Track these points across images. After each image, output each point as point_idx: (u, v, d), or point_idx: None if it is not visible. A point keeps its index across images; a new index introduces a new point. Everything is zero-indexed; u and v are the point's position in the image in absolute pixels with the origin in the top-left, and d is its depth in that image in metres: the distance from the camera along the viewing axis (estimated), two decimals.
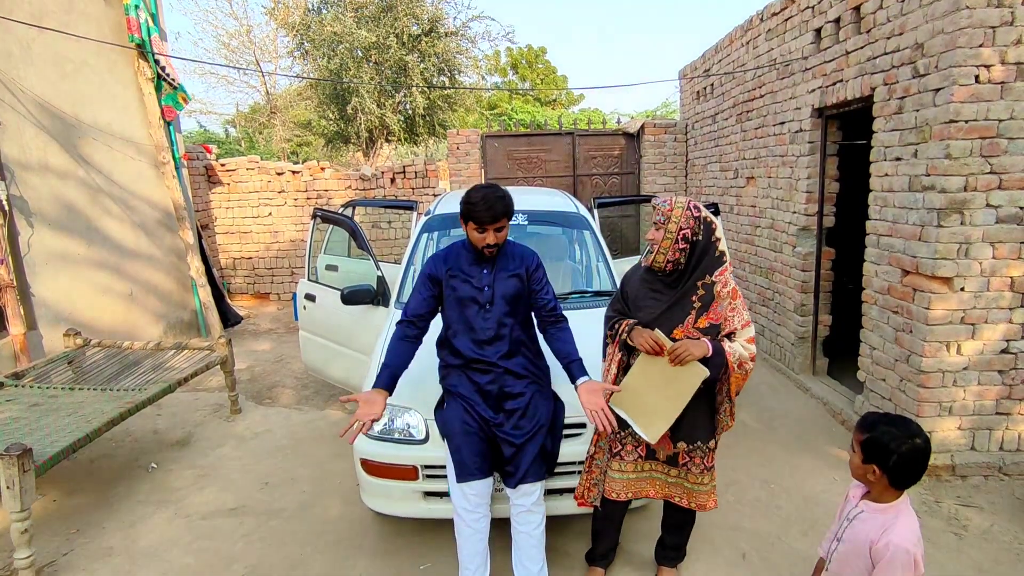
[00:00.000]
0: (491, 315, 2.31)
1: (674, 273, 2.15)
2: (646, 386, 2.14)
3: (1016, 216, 3.06)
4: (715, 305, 2.12)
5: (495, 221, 2.19)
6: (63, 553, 2.80)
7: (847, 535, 1.62)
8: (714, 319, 2.12)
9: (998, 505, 3.04)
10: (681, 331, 2.12)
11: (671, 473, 2.29)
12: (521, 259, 2.38)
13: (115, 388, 3.54)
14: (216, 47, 13.91)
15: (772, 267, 5.14)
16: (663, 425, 2.15)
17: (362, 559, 2.73)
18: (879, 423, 1.56)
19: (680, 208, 2.10)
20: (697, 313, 2.12)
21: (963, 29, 2.89)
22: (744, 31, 5.55)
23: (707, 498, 2.28)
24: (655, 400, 2.13)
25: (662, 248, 2.10)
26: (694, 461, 2.25)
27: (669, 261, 2.11)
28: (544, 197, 4.17)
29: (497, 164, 7.90)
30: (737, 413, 4.14)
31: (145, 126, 5.80)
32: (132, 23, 5.38)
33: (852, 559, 1.59)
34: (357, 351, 3.76)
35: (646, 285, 2.23)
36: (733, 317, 2.14)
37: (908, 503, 1.58)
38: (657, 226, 2.12)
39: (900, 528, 1.51)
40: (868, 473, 1.55)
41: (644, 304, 2.21)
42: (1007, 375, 3.21)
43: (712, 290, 2.12)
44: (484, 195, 2.19)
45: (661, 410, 2.14)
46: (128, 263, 5.48)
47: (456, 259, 2.36)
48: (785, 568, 2.61)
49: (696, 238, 2.10)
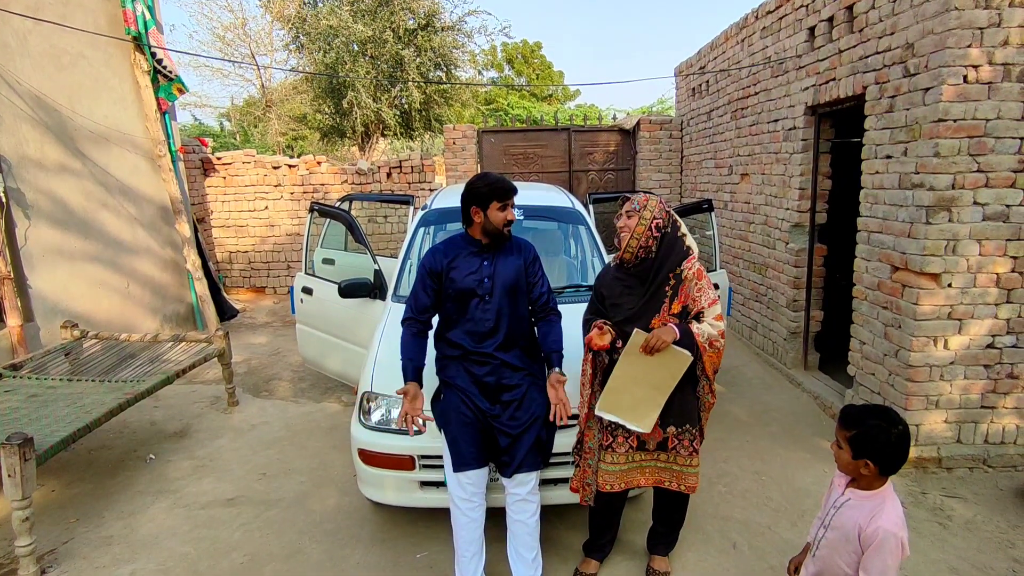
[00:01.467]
0: (490, 306, 2.35)
1: (644, 264, 2.25)
2: (630, 383, 2.19)
3: (1002, 214, 3.12)
4: (684, 288, 2.24)
5: (514, 193, 2.35)
6: (63, 541, 2.84)
7: (834, 522, 1.66)
8: (684, 301, 2.24)
9: (982, 496, 3.11)
10: (658, 320, 2.22)
11: (660, 458, 2.35)
12: (519, 250, 2.44)
13: (113, 380, 3.57)
14: (211, 40, 13.82)
15: (765, 263, 5.20)
16: (653, 414, 2.21)
17: (359, 548, 2.77)
18: (864, 417, 1.59)
19: (654, 200, 2.28)
20: (670, 300, 2.23)
21: (952, 30, 2.94)
22: (739, 29, 5.59)
23: (695, 479, 2.35)
24: (641, 393, 2.19)
25: (635, 234, 2.22)
26: (683, 443, 2.31)
27: (641, 247, 2.22)
28: (540, 192, 4.20)
29: (493, 159, 7.92)
30: (729, 407, 4.27)
31: (142, 119, 5.80)
32: (128, 15, 5.38)
33: (840, 545, 1.64)
34: (354, 344, 3.79)
35: (619, 283, 2.32)
36: (700, 297, 2.24)
37: (892, 488, 1.63)
38: (630, 215, 2.25)
39: (888, 513, 1.56)
40: (860, 467, 1.59)
41: (620, 301, 2.29)
42: (992, 369, 3.28)
43: (680, 276, 2.25)
44: (490, 174, 2.39)
45: (648, 400, 2.20)
46: (125, 256, 5.49)
47: (455, 251, 2.40)
48: (774, 557, 2.67)
49: (666, 229, 2.25)
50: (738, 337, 5.86)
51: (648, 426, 2.22)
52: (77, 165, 4.99)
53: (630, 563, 2.64)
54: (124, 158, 5.57)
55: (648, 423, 2.22)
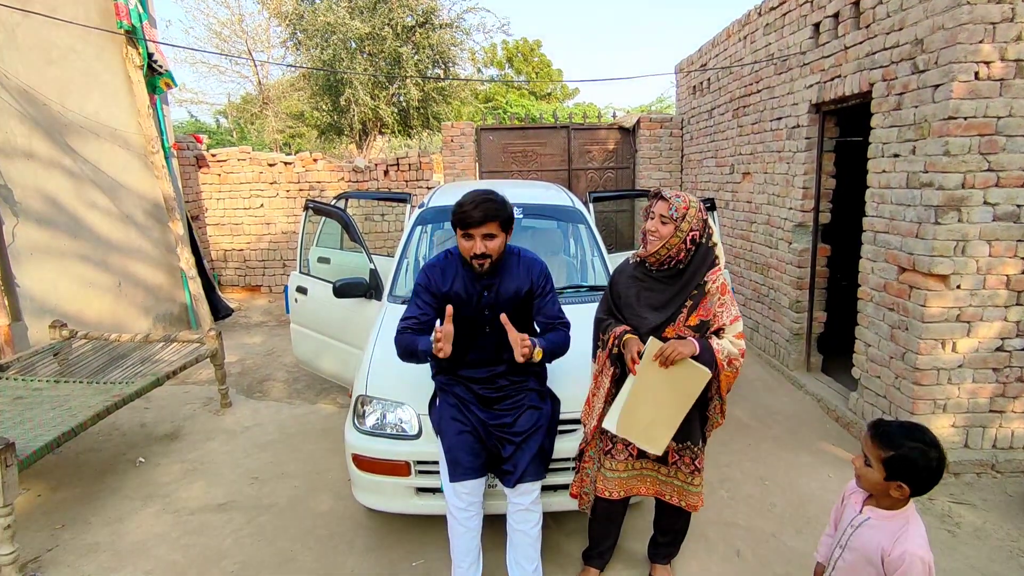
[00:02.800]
0: (489, 339, 2.25)
1: (671, 270, 2.11)
2: (643, 399, 2.04)
3: (1013, 214, 3.05)
4: (705, 301, 2.10)
5: (483, 223, 2.05)
6: (48, 549, 2.75)
7: (853, 543, 1.57)
8: (704, 315, 2.09)
9: (991, 502, 3.04)
10: (672, 330, 2.08)
11: (661, 471, 2.26)
12: (528, 270, 2.27)
13: (102, 381, 3.48)
14: (208, 36, 13.74)
15: (767, 263, 5.13)
16: (667, 435, 2.07)
17: (353, 555, 2.70)
18: (902, 438, 1.47)
19: (694, 208, 2.07)
20: (689, 311, 2.09)
21: (963, 25, 2.87)
22: (742, 25, 5.51)
23: (697, 499, 2.25)
24: (655, 411, 2.05)
25: (669, 244, 2.05)
26: (684, 460, 2.22)
27: (671, 258, 2.07)
28: (539, 191, 4.13)
29: (492, 157, 7.84)
30: (731, 410, 4.19)
31: (134, 115, 5.70)
32: (121, 9, 5.27)
33: (861, 568, 1.54)
34: (349, 344, 3.71)
35: (637, 283, 2.17)
36: (722, 312, 2.10)
37: (914, 507, 1.54)
38: (664, 221, 2.04)
39: (912, 535, 1.47)
40: (891, 489, 1.48)
41: (636, 303, 2.15)
42: (1001, 373, 3.21)
43: (704, 288, 2.11)
44: (473, 195, 2.09)
45: (662, 419, 2.05)
46: (116, 254, 5.39)
47: (453, 276, 2.24)
48: (779, 565, 2.60)
49: (701, 240, 2.09)
50: None
51: (660, 448, 2.08)
52: (67, 161, 4.89)
53: (631, 571, 2.57)
54: (116, 154, 5.47)
55: (660, 445, 2.08)
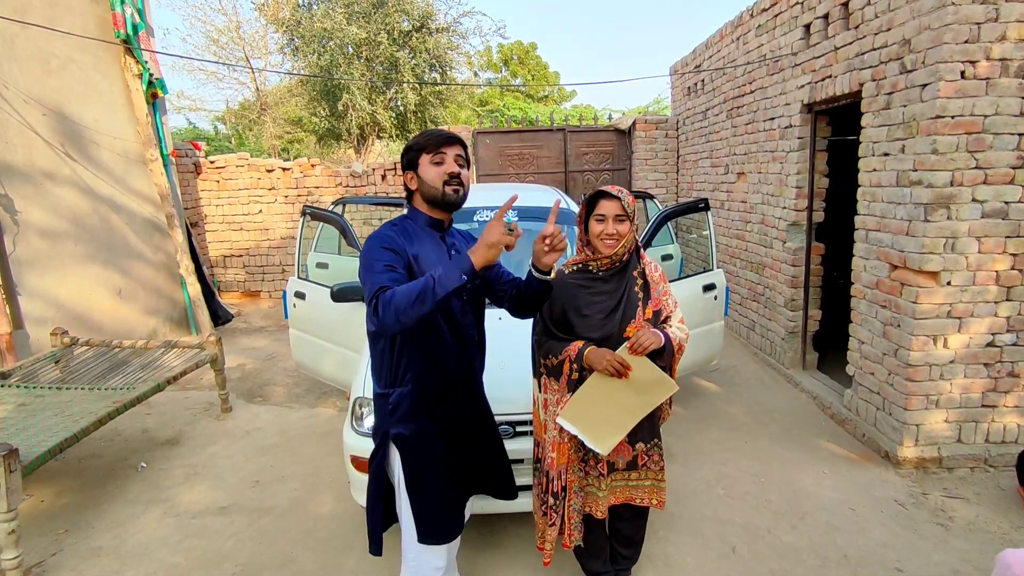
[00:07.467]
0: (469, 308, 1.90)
1: (617, 268, 2.05)
2: (604, 397, 1.99)
3: (1001, 211, 3.09)
4: (652, 290, 2.08)
5: (452, 141, 1.79)
6: (52, 553, 2.78)
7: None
8: (655, 306, 2.08)
9: (984, 496, 3.07)
10: (634, 326, 2.03)
11: (631, 477, 2.19)
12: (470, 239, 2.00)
13: (104, 387, 3.52)
14: (205, 43, 13.75)
15: (762, 262, 5.17)
16: (615, 438, 2.04)
17: (353, 557, 2.73)
18: None
19: (631, 198, 2.02)
20: (643, 303, 2.05)
21: (949, 25, 2.91)
22: (734, 27, 5.56)
23: (665, 494, 2.24)
24: (610, 412, 2.01)
25: (627, 240, 2.01)
26: (652, 459, 2.19)
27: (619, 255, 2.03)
28: (535, 193, 4.16)
29: (489, 160, 7.88)
30: (727, 407, 4.23)
31: (132, 122, 5.75)
32: (118, 18, 5.33)
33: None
34: (347, 348, 3.75)
35: (582, 289, 2.06)
36: (667, 300, 2.12)
37: None
38: (621, 219, 1.99)
39: None
40: None
41: (589, 311, 2.04)
42: (993, 368, 3.25)
43: (645, 275, 2.09)
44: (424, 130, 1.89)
45: (615, 421, 2.02)
46: (116, 261, 5.43)
47: (417, 241, 1.81)
48: (774, 561, 2.63)
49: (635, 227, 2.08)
50: (736, 337, 5.83)
51: (607, 449, 2.04)
52: (66, 170, 4.93)
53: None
54: (115, 162, 5.51)
55: (608, 446, 2.03)
